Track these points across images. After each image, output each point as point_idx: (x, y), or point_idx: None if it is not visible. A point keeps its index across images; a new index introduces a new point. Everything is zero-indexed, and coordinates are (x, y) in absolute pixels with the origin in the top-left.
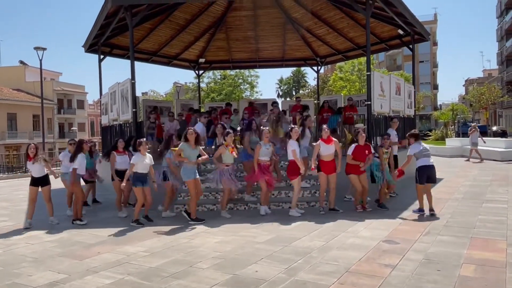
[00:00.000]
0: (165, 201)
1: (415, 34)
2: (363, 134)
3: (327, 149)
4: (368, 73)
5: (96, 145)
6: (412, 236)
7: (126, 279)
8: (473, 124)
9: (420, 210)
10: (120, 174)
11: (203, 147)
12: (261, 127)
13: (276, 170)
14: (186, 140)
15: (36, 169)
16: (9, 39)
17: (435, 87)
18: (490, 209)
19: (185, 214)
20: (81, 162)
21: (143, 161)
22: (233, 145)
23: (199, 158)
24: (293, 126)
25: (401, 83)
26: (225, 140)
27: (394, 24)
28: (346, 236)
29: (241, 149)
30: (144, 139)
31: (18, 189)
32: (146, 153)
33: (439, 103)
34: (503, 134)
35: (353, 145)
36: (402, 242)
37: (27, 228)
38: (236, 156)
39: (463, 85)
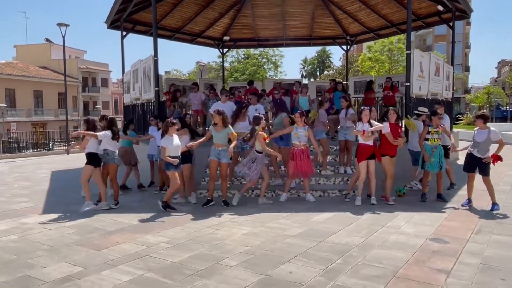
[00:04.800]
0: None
1: (457, 10)
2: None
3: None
4: (409, 51)
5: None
6: (462, 234)
7: (146, 276)
8: None
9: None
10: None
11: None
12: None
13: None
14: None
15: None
16: (35, 16)
17: (467, 69)
18: None
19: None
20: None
21: (173, 143)
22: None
23: (231, 146)
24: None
25: (440, 63)
26: (257, 125)
27: None
28: (387, 231)
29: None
30: (176, 119)
31: (40, 167)
32: (174, 134)
33: (469, 85)
34: None
35: (386, 123)
36: (452, 241)
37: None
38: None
39: (496, 67)
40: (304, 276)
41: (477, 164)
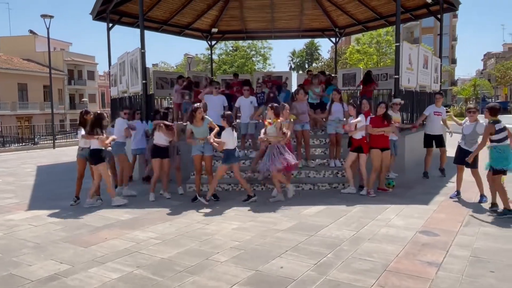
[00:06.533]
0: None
1: (445, 2)
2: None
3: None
4: (398, 43)
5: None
6: (451, 227)
7: (135, 272)
8: None
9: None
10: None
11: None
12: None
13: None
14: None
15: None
16: (18, 7)
17: (453, 61)
18: None
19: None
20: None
21: (233, 136)
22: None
23: (211, 135)
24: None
25: (428, 55)
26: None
27: None
28: (377, 224)
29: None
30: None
31: (25, 162)
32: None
33: (456, 78)
34: None
35: (362, 116)
36: (442, 233)
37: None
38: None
39: (482, 60)
40: (295, 271)
41: (465, 157)
